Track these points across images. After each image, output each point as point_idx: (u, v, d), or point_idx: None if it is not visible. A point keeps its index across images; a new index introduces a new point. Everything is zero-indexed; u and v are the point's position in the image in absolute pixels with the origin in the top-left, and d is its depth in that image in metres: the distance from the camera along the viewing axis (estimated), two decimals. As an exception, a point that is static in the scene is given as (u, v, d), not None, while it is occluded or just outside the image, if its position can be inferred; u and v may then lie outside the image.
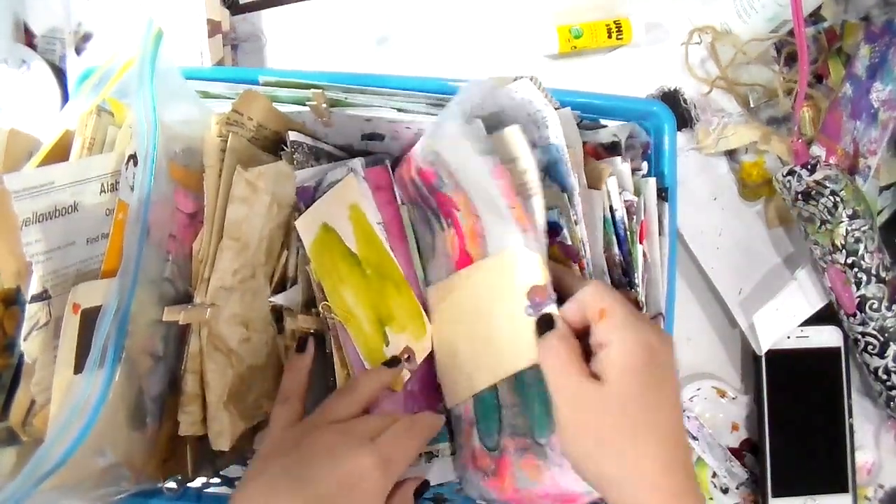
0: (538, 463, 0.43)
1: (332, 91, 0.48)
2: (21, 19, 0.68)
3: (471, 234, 0.46)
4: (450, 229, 0.48)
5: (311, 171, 0.48)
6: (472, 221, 0.46)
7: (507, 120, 0.44)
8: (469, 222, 0.46)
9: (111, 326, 0.38)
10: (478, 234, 0.46)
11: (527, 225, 0.42)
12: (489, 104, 0.44)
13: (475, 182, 0.44)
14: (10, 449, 0.44)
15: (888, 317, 0.59)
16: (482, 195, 0.44)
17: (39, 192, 0.40)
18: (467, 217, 0.46)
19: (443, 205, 0.47)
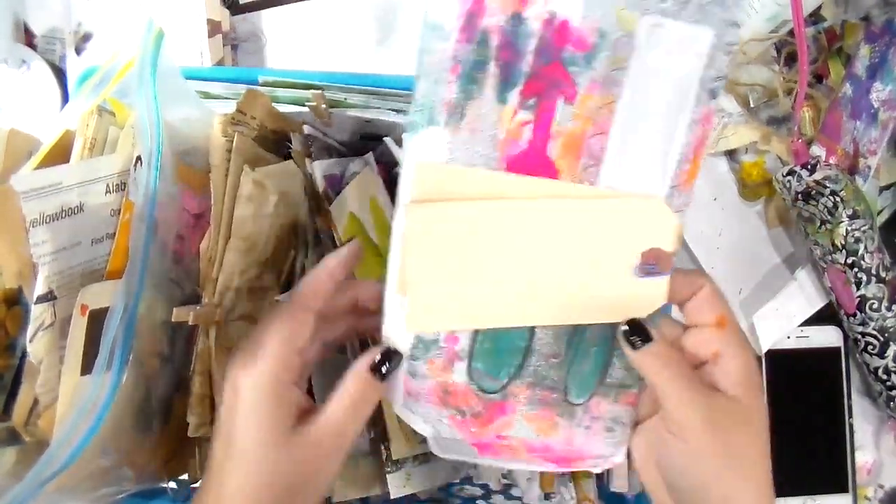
0: (557, 420, 0.41)
1: (331, 91, 0.48)
2: (21, 19, 0.68)
3: (571, 141, 0.37)
4: (522, 111, 0.36)
5: (331, 162, 0.48)
6: (584, 129, 0.37)
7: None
8: (578, 128, 0.37)
9: (119, 328, 0.39)
10: (591, 151, 0.37)
11: (687, 187, 0.38)
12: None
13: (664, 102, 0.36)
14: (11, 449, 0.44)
15: (888, 317, 0.59)
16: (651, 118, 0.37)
17: (47, 192, 0.40)
18: (579, 120, 0.37)
19: (542, 79, 0.36)
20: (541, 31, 0.35)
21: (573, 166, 0.37)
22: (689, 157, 0.37)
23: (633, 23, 0.35)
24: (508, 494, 0.56)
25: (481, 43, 0.34)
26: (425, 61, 0.35)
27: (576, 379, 0.40)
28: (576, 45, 0.35)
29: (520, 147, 0.36)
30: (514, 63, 0.35)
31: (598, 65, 0.35)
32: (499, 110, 0.36)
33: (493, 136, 0.36)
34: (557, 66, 0.35)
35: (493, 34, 0.34)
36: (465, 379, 0.40)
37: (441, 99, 0.35)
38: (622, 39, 0.35)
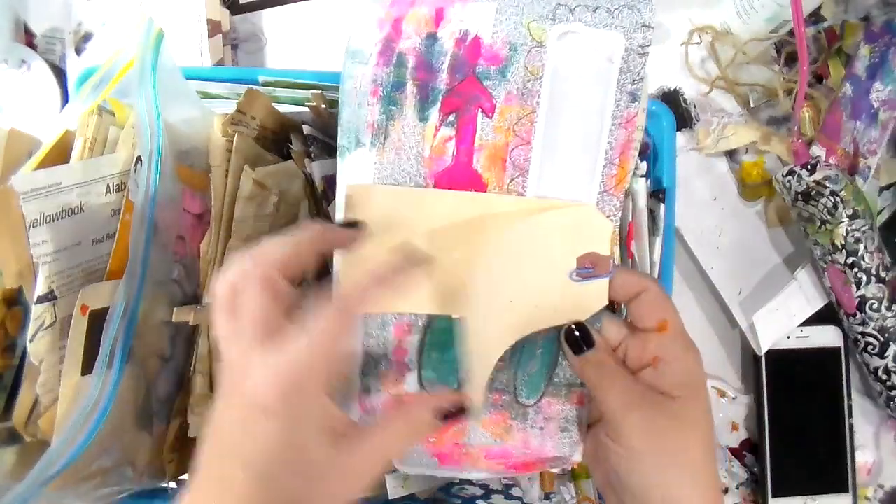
0: (511, 423, 0.41)
1: (331, 91, 0.48)
2: (21, 19, 0.68)
3: (494, 153, 0.38)
4: (444, 127, 0.37)
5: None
6: (507, 141, 0.37)
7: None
8: (500, 140, 0.37)
9: (119, 328, 0.39)
10: (516, 162, 0.38)
11: (617, 191, 0.38)
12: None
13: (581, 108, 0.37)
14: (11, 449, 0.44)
15: (888, 317, 0.59)
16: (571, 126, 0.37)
17: (48, 192, 0.40)
18: (500, 133, 0.37)
19: (458, 96, 0.37)
20: (453, 49, 0.37)
21: (500, 178, 0.38)
22: (614, 161, 0.38)
23: (543, 33, 0.36)
24: (508, 494, 0.56)
25: (398, 65, 0.36)
26: (347, 87, 0.37)
27: (524, 380, 0.41)
28: (488, 59, 0.37)
29: (445, 163, 0.38)
30: (431, 81, 0.37)
31: (512, 77, 0.37)
32: (421, 128, 0.37)
33: (418, 153, 0.38)
34: (472, 80, 0.37)
35: (408, 55, 0.36)
36: (416, 389, 0.41)
37: (365, 122, 0.37)
38: (534, 50, 0.36)
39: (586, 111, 0.37)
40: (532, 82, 0.37)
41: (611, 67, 0.36)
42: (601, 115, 0.37)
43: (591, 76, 0.37)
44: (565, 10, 0.36)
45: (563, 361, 0.41)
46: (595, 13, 0.36)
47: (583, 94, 0.37)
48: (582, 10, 0.36)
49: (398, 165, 0.38)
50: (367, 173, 0.38)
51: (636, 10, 0.36)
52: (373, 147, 0.37)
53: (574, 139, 0.38)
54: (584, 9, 0.36)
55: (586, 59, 0.36)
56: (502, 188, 0.38)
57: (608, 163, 0.38)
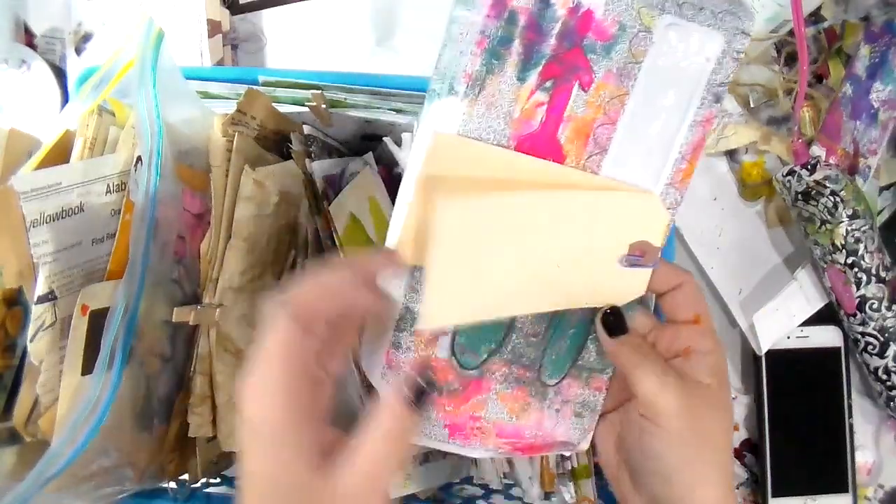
0: (530, 401, 0.42)
1: (331, 91, 0.48)
2: (21, 19, 0.68)
3: (581, 127, 0.38)
4: (539, 92, 0.37)
5: (331, 162, 0.48)
6: (595, 117, 0.38)
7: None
8: (589, 115, 0.38)
9: (119, 328, 0.39)
10: (598, 140, 0.38)
11: (682, 186, 0.39)
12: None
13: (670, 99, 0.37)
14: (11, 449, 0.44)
15: (888, 317, 0.59)
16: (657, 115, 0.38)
17: (48, 192, 0.40)
18: (591, 108, 0.37)
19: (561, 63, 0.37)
20: (565, 17, 0.36)
21: (580, 152, 0.38)
22: (686, 157, 0.38)
23: (652, 20, 0.36)
24: (508, 494, 0.56)
25: (509, 20, 0.36)
26: (453, 31, 0.35)
27: (551, 358, 0.41)
28: (597, 34, 0.36)
29: (532, 127, 0.37)
30: (538, 44, 0.36)
31: (615, 56, 0.37)
32: (517, 88, 0.37)
33: (508, 113, 0.37)
34: (578, 52, 0.37)
35: (520, 14, 0.36)
36: (447, 354, 0.41)
37: (463, 70, 0.36)
38: (641, 34, 0.36)
39: (674, 103, 0.38)
40: (632, 65, 0.37)
41: (706, 66, 0.37)
42: (686, 110, 0.38)
43: (686, 71, 0.37)
44: (673, 3, 0.36)
45: (590, 345, 0.42)
46: (700, 12, 0.36)
47: (675, 87, 0.37)
48: (689, 6, 0.36)
49: (486, 121, 0.37)
50: (454, 123, 0.37)
51: (737, 16, 0.37)
52: (465, 97, 0.36)
53: (657, 128, 0.38)
54: (691, 6, 0.36)
55: (686, 53, 0.37)
56: (579, 162, 0.38)
57: (681, 157, 0.38)
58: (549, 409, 0.42)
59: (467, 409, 0.41)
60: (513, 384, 0.42)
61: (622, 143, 0.38)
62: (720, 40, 0.37)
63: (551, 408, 0.42)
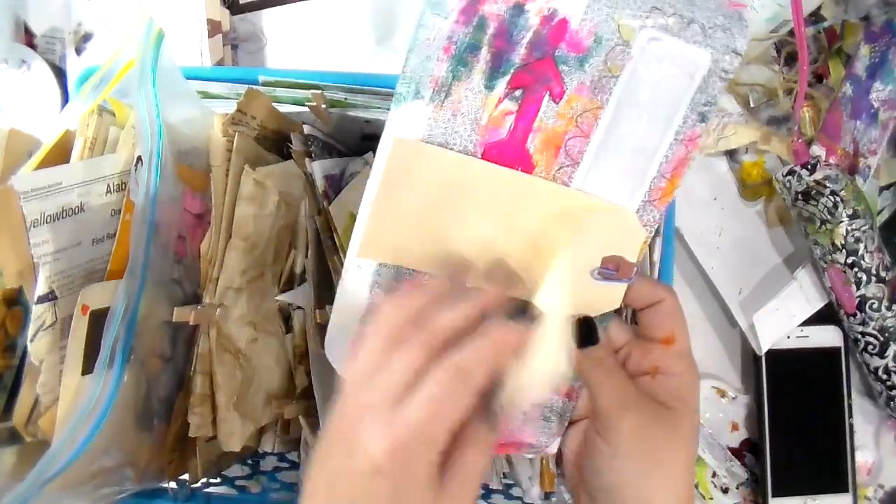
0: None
1: (331, 91, 0.48)
2: (21, 19, 0.68)
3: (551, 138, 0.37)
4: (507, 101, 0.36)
5: (331, 162, 0.48)
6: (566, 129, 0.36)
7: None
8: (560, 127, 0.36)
9: (120, 327, 0.39)
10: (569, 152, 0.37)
11: (660, 204, 0.38)
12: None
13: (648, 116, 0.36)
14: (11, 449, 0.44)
15: (888, 317, 0.59)
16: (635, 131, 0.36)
17: (48, 192, 0.40)
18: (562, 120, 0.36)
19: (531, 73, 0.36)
20: (538, 26, 0.35)
21: (550, 163, 0.37)
22: (666, 175, 0.37)
23: (632, 33, 0.35)
24: (508, 494, 0.56)
25: (478, 27, 0.34)
26: (420, 36, 0.34)
27: None
28: (570, 45, 0.35)
29: (500, 135, 0.37)
30: (507, 52, 0.35)
31: (589, 69, 0.35)
32: (484, 96, 0.36)
33: (474, 119, 0.36)
34: (549, 62, 0.35)
35: (490, 20, 0.34)
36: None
37: (430, 75, 0.35)
38: (618, 48, 0.35)
39: (652, 120, 0.36)
40: (608, 79, 0.36)
41: (690, 84, 0.36)
42: (666, 127, 0.36)
43: (667, 87, 0.36)
44: (659, 15, 0.35)
45: None
46: (689, 27, 0.35)
47: (654, 103, 0.36)
48: (676, 19, 0.35)
49: (451, 127, 0.36)
50: (418, 128, 0.36)
51: (730, 33, 0.35)
52: (431, 102, 0.35)
53: (632, 144, 0.37)
54: (679, 18, 0.35)
55: (667, 69, 0.35)
56: (549, 173, 0.37)
57: (659, 175, 0.37)
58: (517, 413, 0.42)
59: None
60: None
61: (596, 156, 0.37)
62: (707, 59, 0.35)
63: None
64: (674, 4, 0.35)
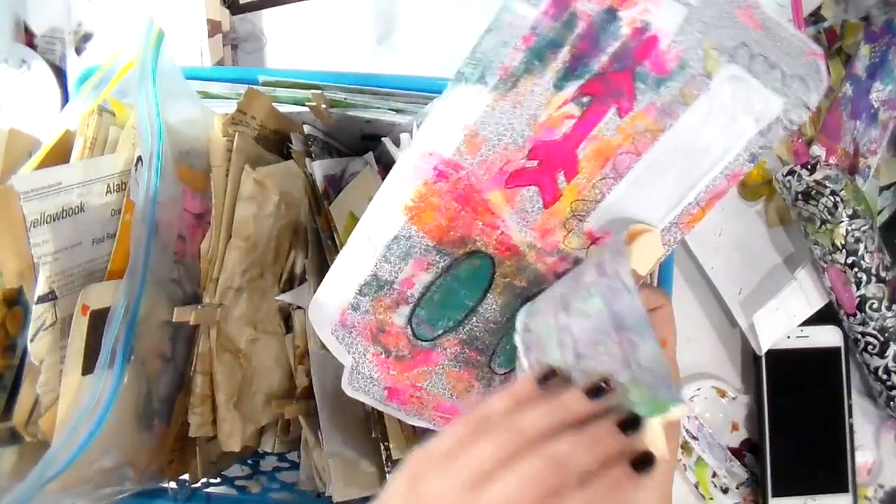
0: (475, 384, 0.42)
1: (331, 91, 0.48)
2: (21, 19, 0.68)
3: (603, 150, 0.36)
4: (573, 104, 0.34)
5: (331, 162, 0.48)
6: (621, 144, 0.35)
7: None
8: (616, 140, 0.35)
9: (120, 327, 0.39)
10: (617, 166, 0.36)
11: (686, 228, 0.39)
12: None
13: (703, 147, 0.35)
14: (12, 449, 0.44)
15: (888, 317, 0.59)
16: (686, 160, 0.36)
17: (48, 192, 0.40)
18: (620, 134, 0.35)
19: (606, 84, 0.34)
20: (627, 37, 0.33)
21: (594, 172, 0.37)
22: (701, 203, 0.38)
23: (716, 66, 0.34)
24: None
25: (567, 24, 0.33)
26: (503, 19, 0.33)
27: (505, 348, 0.41)
28: (654, 64, 0.34)
29: (553, 136, 0.35)
30: (588, 57, 0.33)
31: (664, 91, 0.34)
32: (550, 94, 0.34)
33: (533, 115, 0.35)
34: (628, 77, 0.34)
35: (581, 20, 0.33)
36: (403, 322, 0.40)
37: (500, 62, 0.33)
38: (699, 77, 0.34)
39: (706, 153, 0.36)
40: (678, 105, 0.35)
41: (753, 127, 0.35)
42: (716, 161, 0.36)
43: (731, 125, 0.35)
44: (745, 54, 0.34)
45: None
46: (771, 71, 0.34)
47: (713, 137, 0.36)
48: (761, 61, 0.34)
49: (508, 118, 0.34)
50: (473, 113, 0.34)
51: (806, 85, 0.34)
52: (494, 90, 0.34)
53: (680, 171, 0.37)
54: (764, 61, 0.34)
55: (738, 109, 0.35)
56: (590, 182, 0.37)
57: (695, 202, 0.37)
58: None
59: (411, 377, 0.41)
60: (461, 364, 0.41)
61: (641, 175, 0.37)
62: (779, 107, 0.35)
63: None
64: (761, 44, 0.34)
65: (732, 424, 0.66)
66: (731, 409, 0.66)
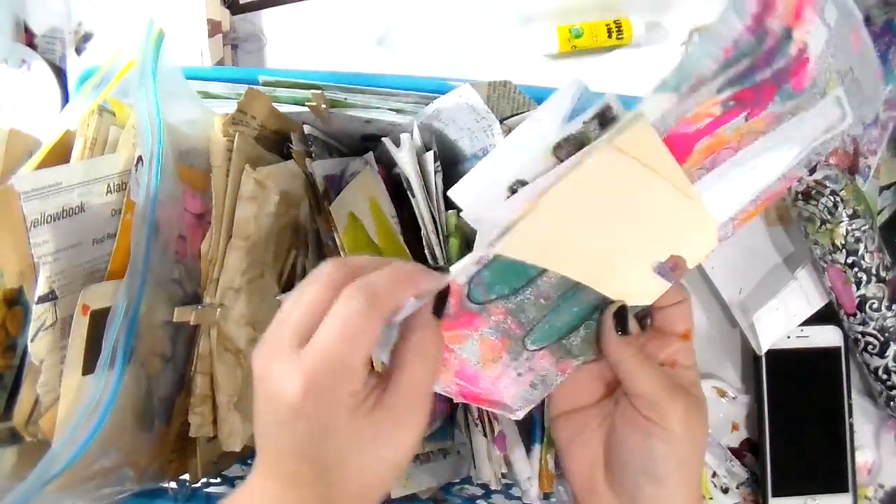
0: (503, 356, 0.41)
1: (331, 91, 0.48)
2: (21, 19, 0.68)
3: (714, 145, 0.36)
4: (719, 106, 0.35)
5: (331, 162, 0.48)
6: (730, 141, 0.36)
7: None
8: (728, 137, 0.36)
9: (120, 328, 0.39)
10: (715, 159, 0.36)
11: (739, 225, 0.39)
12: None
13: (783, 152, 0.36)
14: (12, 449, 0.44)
15: (888, 316, 0.59)
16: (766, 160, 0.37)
17: (48, 192, 0.40)
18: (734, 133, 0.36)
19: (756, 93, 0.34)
20: (792, 56, 0.34)
21: (697, 163, 0.37)
22: (758, 202, 0.38)
23: (835, 86, 0.35)
24: (508, 494, 0.56)
25: (759, 39, 0.33)
26: (716, 30, 0.33)
27: (544, 326, 0.41)
28: (797, 81, 0.35)
29: (686, 129, 0.35)
30: (758, 70, 0.34)
31: (789, 105, 0.35)
32: (709, 95, 0.34)
33: (685, 111, 0.35)
34: (773, 90, 0.34)
35: (769, 38, 0.33)
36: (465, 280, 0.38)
37: (698, 72, 0.33)
38: (817, 96, 0.35)
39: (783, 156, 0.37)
40: (789, 115, 0.36)
41: (822, 135, 0.37)
42: (783, 163, 0.37)
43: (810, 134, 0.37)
44: (850, 77, 0.35)
45: (581, 330, 0.42)
46: (857, 93, 0.36)
47: (794, 143, 0.37)
48: (856, 84, 0.36)
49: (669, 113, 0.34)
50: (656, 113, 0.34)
51: (871, 105, 0.37)
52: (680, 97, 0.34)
53: (758, 170, 0.37)
54: (857, 84, 0.36)
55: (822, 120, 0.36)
56: (690, 171, 0.37)
57: (754, 200, 0.38)
58: (513, 371, 0.42)
59: (447, 337, 0.40)
60: (499, 334, 0.41)
61: (727, 170, 0.37)
62: (849, 122, 0.36)
63: (516, 370, 0.42)
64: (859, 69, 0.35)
65: (732, 424, 0.67)
66: (731, 409, 0.66)
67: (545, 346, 0.42)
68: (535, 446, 0.52)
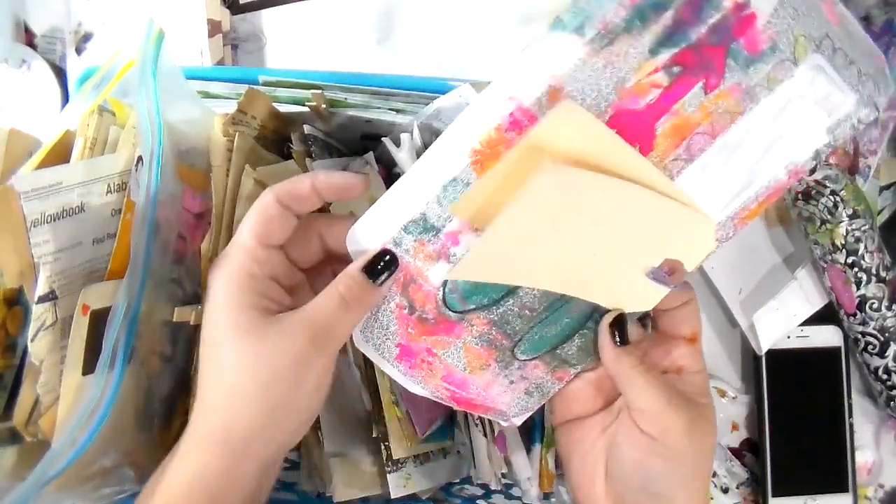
0: (492, 364, 0.41)
1: (331, 91, 0.48)
2: (21, 19, 0.68)
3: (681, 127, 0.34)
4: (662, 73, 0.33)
5: (331, 162, 0.48)
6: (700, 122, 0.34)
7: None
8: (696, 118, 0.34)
9: (121, 327, 0.39)
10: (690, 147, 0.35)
11: (741, 225, 0.38)
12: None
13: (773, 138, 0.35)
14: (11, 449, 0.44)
15: (888, 316, 0.59)
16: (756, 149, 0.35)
17: (48, 192, 0.40)
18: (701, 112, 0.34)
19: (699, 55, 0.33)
20: (728, 11, 0.33)
21: (667, 151, 0.35)
22: (760, 199, 0.37)
23: (805, 53, 0.34)
24: (508, 494, 0.56)
25: None
26: None
27: (533, 338, 0.40)
28: (748, 43, 0.34)
29: (636, 104, 0.34)
30: (689, 25, 0.33)
31: (752, 73, 0.34)
32: (643, 59, 0.33)
33: (622, 79, 0.34)
34: (721, 52, 0.34)
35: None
36: (437, 282, 0.38)
37: (602, 15, 0.32)
38: (787, 63, 0.34)
39: (775, 142, 0.36)
40: (761, 89, 0.34)
41: (825, 121, 0.35)
42: (783, 155, 0.36)
43: (805, 117, 0.35)
44: (829, 46, 0.34)
45: (576, 339, 0.41)
46: (849, 67, 0.34)
47: (785, 128, 0.35)
48: (841, 55, 0.34)
49: (596, 78, 0.33)
50: (564, 64, 0.33)
51: (878, 86, 0.35)
52: (589, 44, 0.33)
53: (749, 161, 0.36)
54: (843, 55, 0.34)
55: (813, 101, 0.35)
56: (662, 160, 0.35)
57: (755, 197, 0.37)
58: (505, 379, 0.41)
59: (428, 341, 0.40)
60: (484, 344, 0.40)
61: (711, 160, 0.36)
62: (852, 103, 0.35)
63: (507, 378, 0.41)
64: (842, 39, 0.34)
65: (732, 424, 0.67)
66: (731, 409, 0.66)
67: (537, 357, 0.41)
68: (535, 446, 0.52)
